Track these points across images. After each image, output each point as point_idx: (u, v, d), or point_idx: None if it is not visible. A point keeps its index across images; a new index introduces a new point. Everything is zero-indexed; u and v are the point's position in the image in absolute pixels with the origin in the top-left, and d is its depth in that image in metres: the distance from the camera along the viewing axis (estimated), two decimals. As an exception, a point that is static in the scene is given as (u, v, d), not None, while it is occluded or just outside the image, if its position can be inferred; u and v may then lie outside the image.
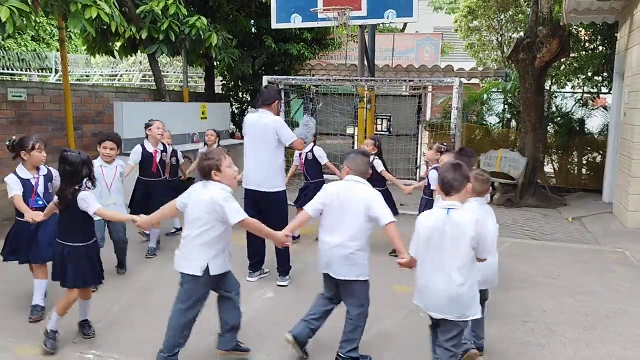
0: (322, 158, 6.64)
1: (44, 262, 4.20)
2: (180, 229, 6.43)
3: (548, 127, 10.90)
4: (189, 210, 3.43)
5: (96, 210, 3.65)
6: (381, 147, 6.40)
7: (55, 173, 4.26)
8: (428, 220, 3.14)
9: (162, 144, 6.09)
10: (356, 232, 3.48)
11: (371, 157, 5.76)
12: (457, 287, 3.00)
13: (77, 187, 3.63)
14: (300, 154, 6.61)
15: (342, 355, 3.52)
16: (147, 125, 5.96)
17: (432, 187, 5.44)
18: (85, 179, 3.68)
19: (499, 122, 12.27)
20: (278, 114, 5.21)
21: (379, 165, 6.17)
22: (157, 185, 5.90)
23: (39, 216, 3.95)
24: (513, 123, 12.10)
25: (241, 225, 3.39)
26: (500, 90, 12.05)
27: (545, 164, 10.57)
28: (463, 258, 3.01)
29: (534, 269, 5.83)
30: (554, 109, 11.57)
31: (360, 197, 3.50)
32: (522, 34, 11.81)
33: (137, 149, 5.86)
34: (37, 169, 4.23)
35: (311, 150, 6.59)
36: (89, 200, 3.63)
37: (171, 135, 6.81)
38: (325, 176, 6.72)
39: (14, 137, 3.84)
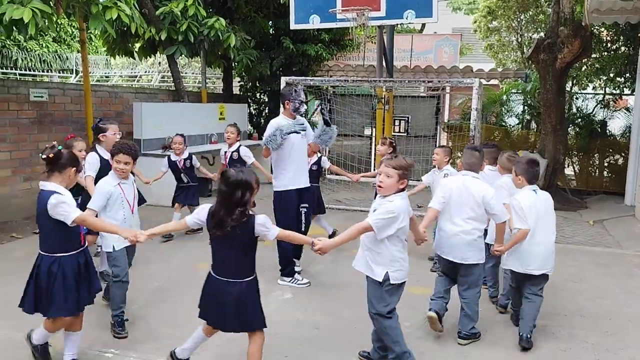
0: (249, 158, 6.59)
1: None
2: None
3: (569, 129, 10.77)
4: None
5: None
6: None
7: None
8: (528, 199, 4.02)
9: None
10: (477, 222, 3.95)
11: (317, 156, 6.23)
12: (552, 246, 4.12)
13: None
14: (225, 153, 6.64)
15: (465, 332, 4.00)
16: (99, 130, 4.83)
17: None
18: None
19: (518, 124, 12.15)
20: (292, 114, 5.16)
21: (325, 162, 6.37)
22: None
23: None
24: (533, 124, 11.96)
25: None
26: (520, 91, 11.92)
27: (565, 166, 10.44)
28: (553, 225, 4.16)
29: (554, 273, 5.72)
30: (575, 110, 11.42)
31: (479, 191, 3.93)
32: (542, 34, 11.65)
33: (94, 158, 4.76)
34: None
35: (237, 150, 6.56)
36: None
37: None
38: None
39: (54, 143, 3.27)
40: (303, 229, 5.26)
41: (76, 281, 3.27)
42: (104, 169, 4.54)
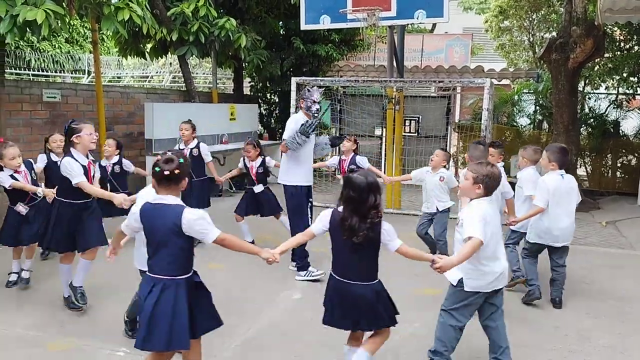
0: (207, 156, 6.56)
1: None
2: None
3: (581, 129, 10.68)
4: None
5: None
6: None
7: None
8: (555, 181, 4.66)
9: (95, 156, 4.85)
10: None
11: (261, 158, 6.42)
12: (573, 221, 4.79)
13: None
14: (183, 150, 6.50)
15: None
16: (73, 131, 4.23)
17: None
18: None
19: (530, 124, 12.07)
20: (307, 114, 5.36)
21: (270, 162, 6.48)
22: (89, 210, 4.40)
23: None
24: (545, 125, 11.88)
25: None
26: (532, 91, 11.84)
27: (578, 166, 10.35)
28: (574, 204, 4.82)
29: (567, 274, 5.69)
30: (587, 110, 11.32)
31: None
32: (554, 34, 11.58)
33: (73, 164, 4.17)
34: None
35: (197, 146, 6.50)
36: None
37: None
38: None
39: (169, 155, 2.89)
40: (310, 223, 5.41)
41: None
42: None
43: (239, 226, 6.34)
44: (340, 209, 3.04)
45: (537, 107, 11.91)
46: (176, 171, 2.80)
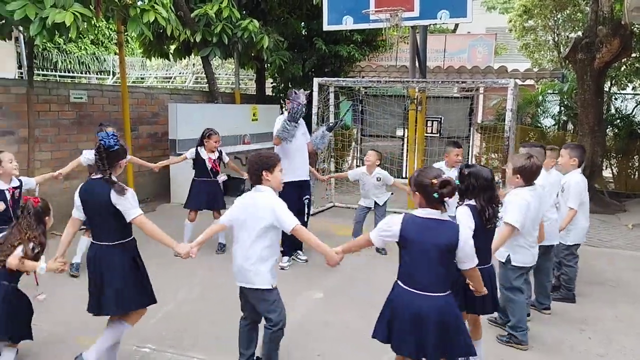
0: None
1: None
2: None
3: (607, 130, 10.51)
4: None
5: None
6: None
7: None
8: (584, 182, 4.78)
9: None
10: None
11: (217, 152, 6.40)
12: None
13: None
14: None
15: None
16: None
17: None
18: None
19: (554, 125, 11.92)
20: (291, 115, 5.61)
21: (225, 158, 6.50)
22: None
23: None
24: (570, 126, 11.71)
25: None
26: (557, 91, 11.69)
27: (603, 168, 10.19)
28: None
29: (591, 277, 5.62)
30: (613, 111, 11.14)
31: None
32: (580, 33, 11.40)
33: None
34: None
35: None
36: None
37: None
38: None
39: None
40: (305, 219, 5.80)
41: None
42: None
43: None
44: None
45: (562, 108, 11.75)
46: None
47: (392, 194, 6.52)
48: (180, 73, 19.93)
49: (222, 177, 6.41)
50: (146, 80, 19.63)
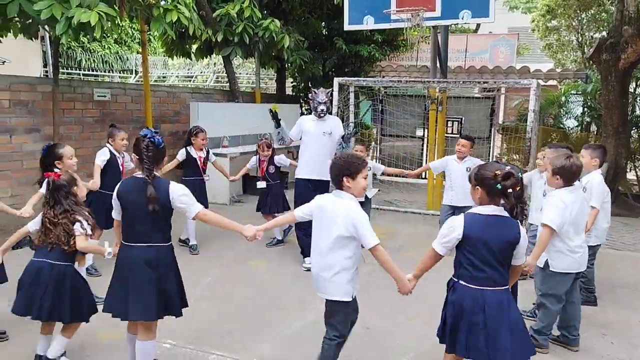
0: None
1: None
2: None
3: (632, 132, 10.33)
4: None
5: None
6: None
7: None
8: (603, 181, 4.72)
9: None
10: None
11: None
12: None
13: None
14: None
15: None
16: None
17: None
18: None
19: (577, 126, 11.76)
20: (315, 114, 5.87)
21: (212, 157, 6.49)
22: None
23: None
24: (593, 127, 11.55)
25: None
26: (580, 92, 11.53)
27: (628, 170, 10.02)
28: None
29: (614, 280, 5.54)
30: (638, 112, 10.94)
31: None
32: (605, 33, 11.23)
33: None
34: None
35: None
36: None
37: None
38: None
39: None
40: None
41: None
42: None
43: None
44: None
45: (585, 109, 11.58)
46: None
47: (379, 190, 6.55)
48: (201, 72, 20.11)
49: (207, 177, 6.35)
50: (168, 79, 19.83)
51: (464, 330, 2.80)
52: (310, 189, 5.51)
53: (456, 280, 2.89)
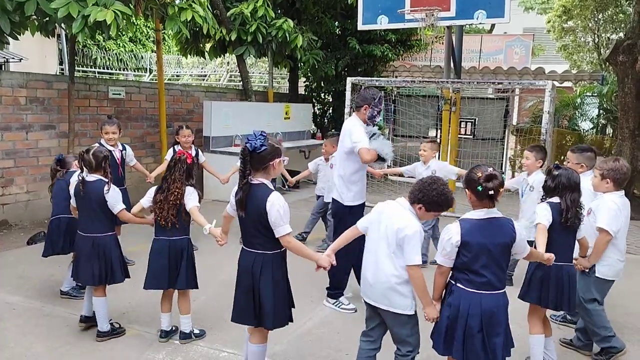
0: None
1: None
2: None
3: (648, 135, 10.20)
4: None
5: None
6: None
7: None
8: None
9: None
10: None
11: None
12: None
13: None
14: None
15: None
16: None
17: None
18: None
19: (592, 128, 11.65)
20: (365, 120, 4.56)
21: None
22: None
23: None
24: (609, 129, 11.43)
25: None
26: (596, 94, 11.42)
27: (643, 174, 9.89)
28: None
29: (629, 285, 5.46)
30: (655, 115, 10.80)
31: None
32: (622, 34, 11.13)
33: None
34: None
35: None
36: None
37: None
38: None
39: None
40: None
41: None
42: None
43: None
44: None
45: (601, 111, 11.47)
46: None
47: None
48: (214, 71, 20.20)
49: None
50: (181, 78, 19.95)
51: (460, 334, 2.79)
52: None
53: (454, 283, 2.89)
